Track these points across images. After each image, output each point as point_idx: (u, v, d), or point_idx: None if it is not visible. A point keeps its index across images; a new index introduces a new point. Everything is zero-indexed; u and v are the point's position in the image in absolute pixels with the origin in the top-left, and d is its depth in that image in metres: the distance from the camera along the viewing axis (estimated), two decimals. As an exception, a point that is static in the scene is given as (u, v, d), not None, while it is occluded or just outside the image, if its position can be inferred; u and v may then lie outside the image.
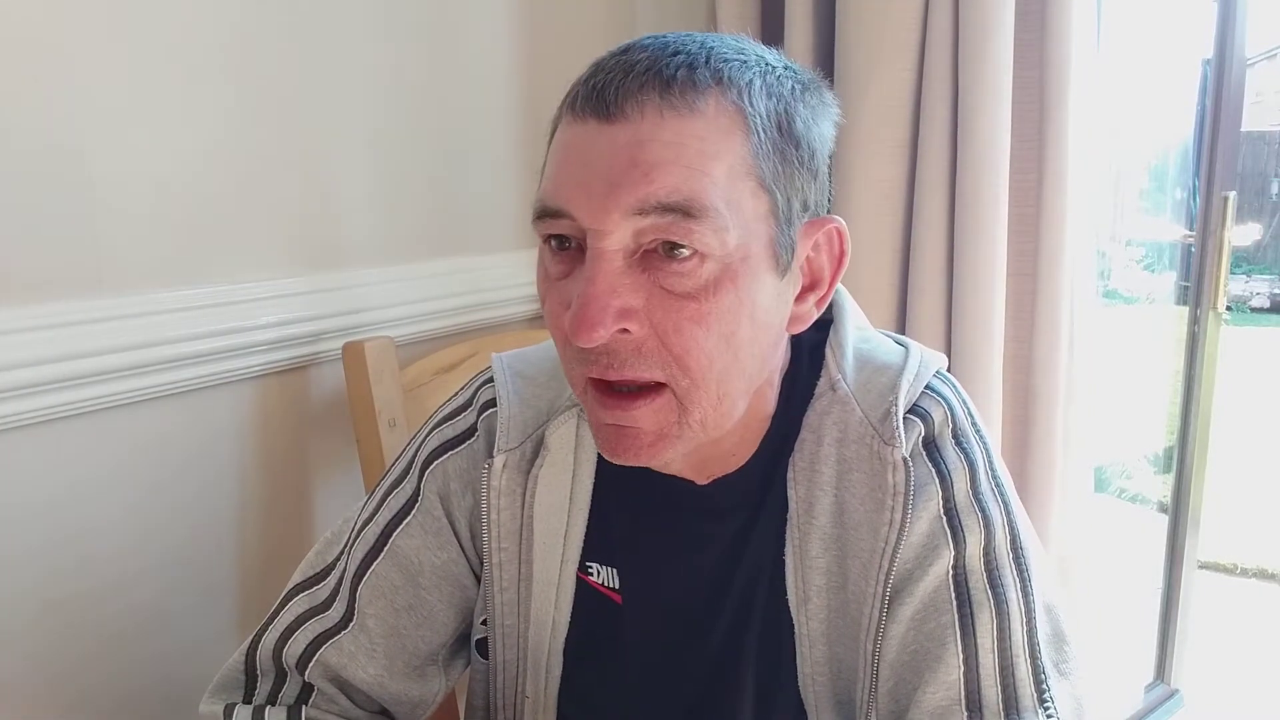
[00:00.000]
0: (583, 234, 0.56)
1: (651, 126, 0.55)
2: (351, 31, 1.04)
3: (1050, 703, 0.61)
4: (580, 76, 0.59)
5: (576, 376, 0.60)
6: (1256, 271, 6.83)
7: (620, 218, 0.54)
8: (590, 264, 0.55)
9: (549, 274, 0.60)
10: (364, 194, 1.07)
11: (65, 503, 0.86)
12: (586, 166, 0.55)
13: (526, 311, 1.28)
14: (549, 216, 0.57)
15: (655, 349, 0.56)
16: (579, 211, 0.55)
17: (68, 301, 0.83)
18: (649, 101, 0.55)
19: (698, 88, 0.55)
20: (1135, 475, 2.93)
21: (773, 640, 0.68)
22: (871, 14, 1.18)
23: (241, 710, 0.69)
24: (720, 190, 0.55)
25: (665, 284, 0.56)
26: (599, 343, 0.55)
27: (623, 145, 0.55)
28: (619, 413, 0.58)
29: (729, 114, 0.56)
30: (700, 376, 0.57)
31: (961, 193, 1.16)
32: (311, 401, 1.06)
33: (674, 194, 0.54)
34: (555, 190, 0.57)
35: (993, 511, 0.64)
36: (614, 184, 0.54)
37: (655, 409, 0.58)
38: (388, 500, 0.75)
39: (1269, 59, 7.10)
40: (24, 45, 0.79)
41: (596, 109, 0.56)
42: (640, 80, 0.55)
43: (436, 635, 0.74)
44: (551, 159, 0.59)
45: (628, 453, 0.60)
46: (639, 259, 0.56)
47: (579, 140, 0.56)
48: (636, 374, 0.57)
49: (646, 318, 0.56)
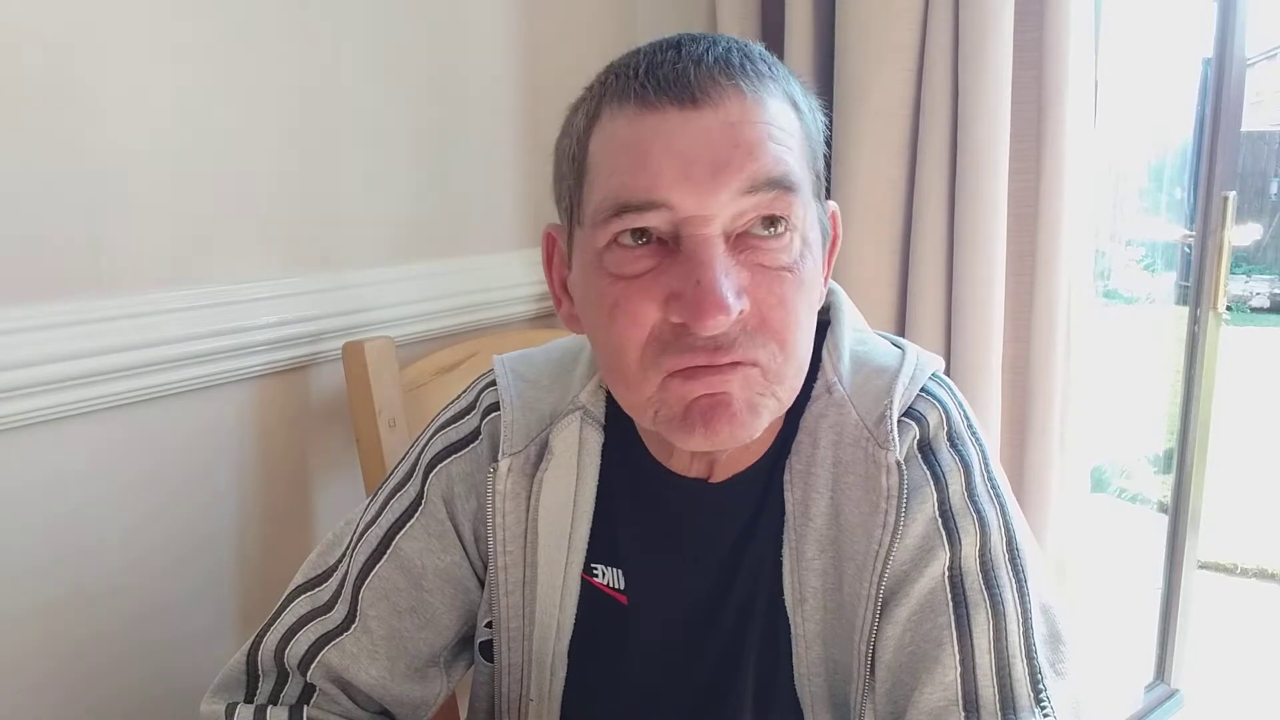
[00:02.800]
0: (672, 226, 0.56)
1: (740, 109, 0.56)
2: (352, 31, 1.04)
3: (1047, 702, 0.61)
4: (621, 72, 0.59)
5: (653, 375, 0.58)
6: (1256, 271, 6.82)
7: (729, 199, 0.55)
8: (699, 250, 0.56)
9: (624, 273, 0.58)
10: (364, 194, 1.07)
11: (65, 502, 0.86)
12: (681, 153, 0.55)
13: (527, 311, 1.28)
14: (633, 211, 0.56)
15: (758, 327, 0.57)
16: (682, 199, 0.55)
17: (68, 301, 0.84)
18: (730, 87, 0.57)
19: (761, 76, 0.58)
20: (1135, 475, 2.93)
21: (771, 640, 0.68)
22: (871, 14, 1.18)
23: (243, 710, 0.69)
24: (799, 165, 0.58)
25: (764, 260, 0.57)
26: (725, 326, 0.55)
27: (719, 128, 0.56)
28: (714, 379, 0.57)
29: (784, 97, 0.60)
30: (792, 349, 0.59)
31: (961, 193, 1.16)
32: (311, 401, 1.06)
33: (776, 167, 0.56)
34: (647, 183, 0.56)
35: (988, 513, 0.64)
36: (720, 166, 0.55)
37: (747, 378, 0.58)
38: (391, 503, 0.75)
39: (1269, 59, 7.10)
40: (24, 46, 0.79)
41: (678, 96, 0.56)
42: (715, 68, 0.57)
43: (439, 637, 0.74)
44: (620, 154, 0.58)
45: (720, 421, 0.58)
46: (735, 240, 0.57)
47: (660, 130, 0.56)
48: (744, 355, 0.57)
49: (751, 295, 0.57)
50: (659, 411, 0.60)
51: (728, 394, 0.58)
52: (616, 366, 0.60)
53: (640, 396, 0.60)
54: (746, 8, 1.31)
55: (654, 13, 1.41)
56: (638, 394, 0.60)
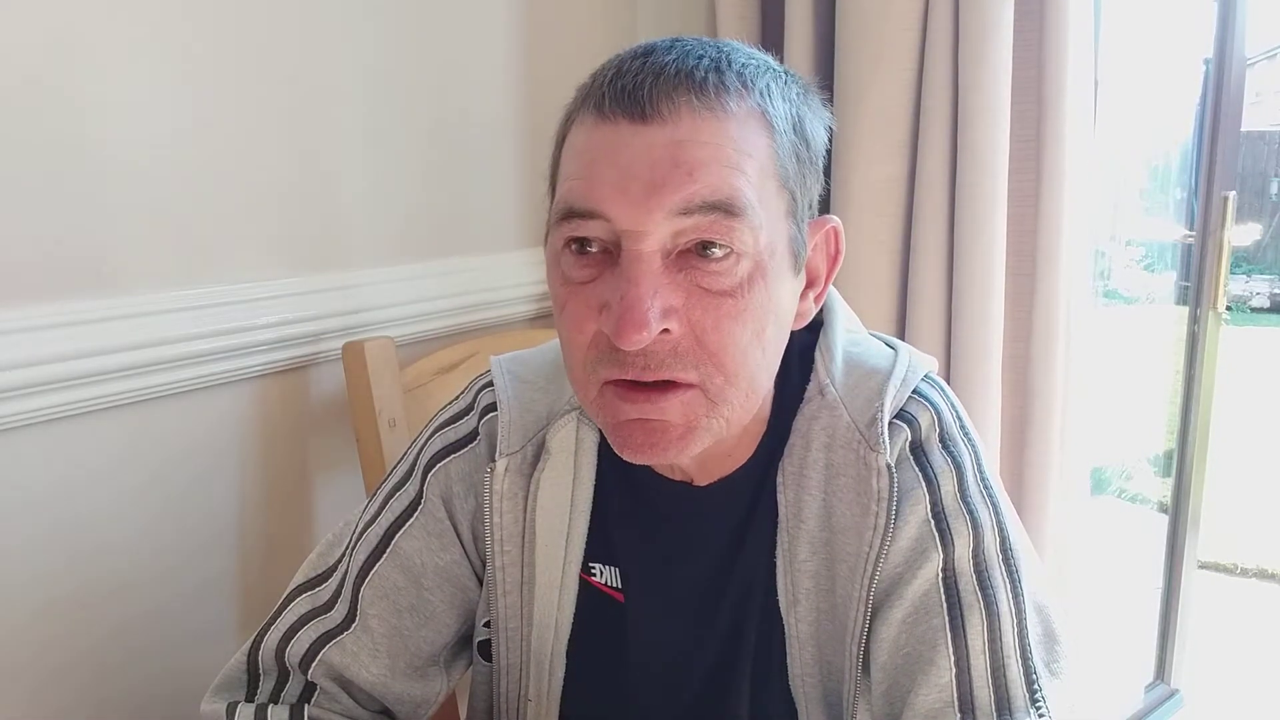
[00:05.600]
0: (613, 236, 0.56)
1: (689, 127, 0.55)
2: (351, 31, 1.04)
3: (1042, 703, 0.61)
4: (596, 78, 0.59)
5: (593, 381, 0.59)
6: (1256, 271, 6.82)
7: (663, 218, 0.55)
8: (629, 265, 0.55)
9: (570, 279, 0.59)
10: (364, 194, 1.07)
11: (65, 503, 0.87)
12: (623, 167, 0.55)
13: (527, 311, 1.28)
14: (578, 218, 0.56)
15: (690, 348, 0.57)
16: (617, 212, 0.55)
17: (68, 301, 0.84)
18: (684, 103, 0.55)
19: (727, 90, 0.57)
20: (1135, 475, 2.93)
21: (766, 641, 0.68)
22: (871, 15, 1.18)
23: (244, 709, 0.69)
24: (754, 189, 0.56)
25: (703, 283, 0.56)
26: (643, 344, 0.54)
27: (662, 145, 0.55)
28: (646, 405, 0.57)
29: (754, 115, 0.58)
30: (734, 373, 0.58)
31: (960, 193, 1.16)
32: (311, 401, 1.06)
33: (716, 193, 0.55)
34: (588, 191, 0.56)
35: (981, 514, 0.64)
36: (656, 184, 0.54)
37: (685, 401, 0.58)
38: (390, 503, 0.75)
39: (1269, 59, 7.10)
40: (25, 46, 0.79)
41: (629, 110, 0.55)
42: (673, 82, 0.56)
43: (439, 636, 0.74)
44: (576, 160, 0.58)
45: (654, 448, 0.58)
46: (674, 259, 0.56)
47: (610, 141, 0.56)
48: (672, 374, 0.57)
49: (685, 317, 0.56)
50: (598, 416, 0.61)
51: (664, 421, 0.58)
52: (568, 366, 0.62)
53: (585, 398, 0.61)
54: (746, 8, 1.31)
55: (654, 12, 1.41)
56: (584, 395, 0.61)
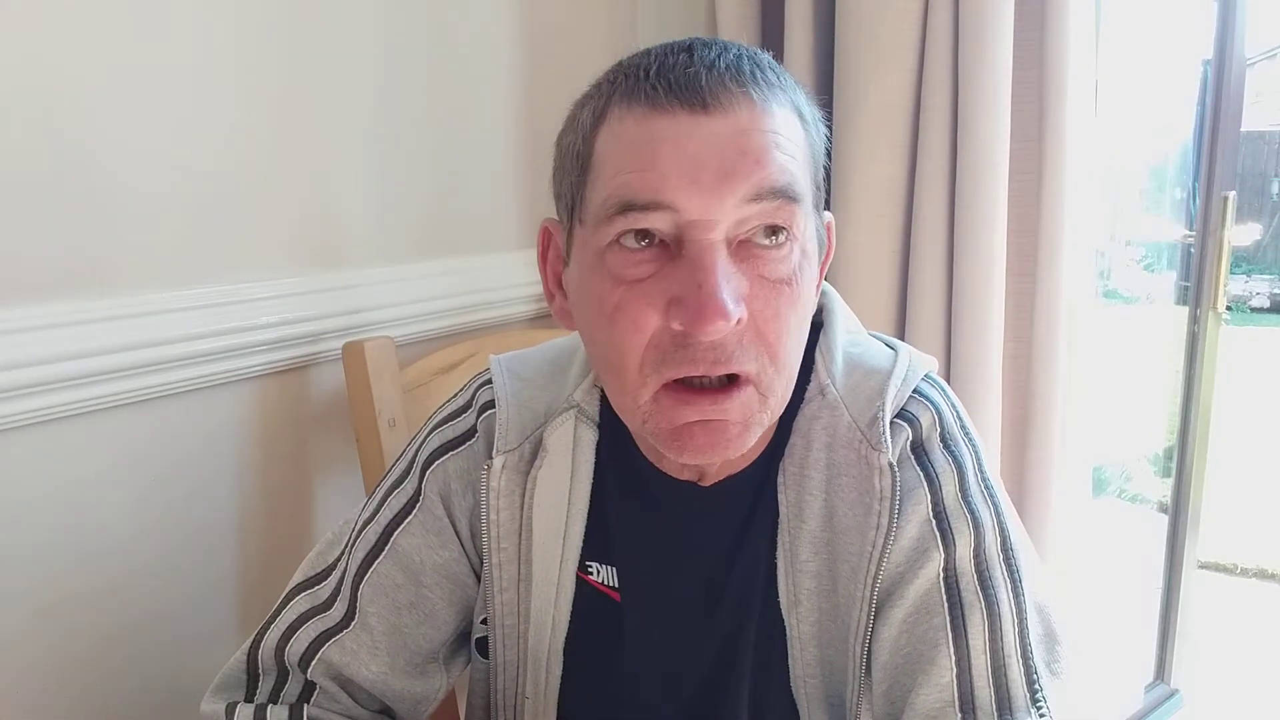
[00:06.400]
0: (675, 228, 0.56)
1: (749, 117, 0.57)
2: (351, 31, 1.04)
3: (1043, 702, 0.61)
4: (629, 73, 0.59)
5: (650, 384, 0.58)
6: (1256, 271, 6.82)
7: (734, 205, 0.55)
8: (701, 255, 0.55)
9: (623, 277, 0.58)
10: (364, 194, 1.07)
11: (65, 503, 0.87)
12: (689, 157, 0.55)
13: (527, 311, 1.28)
14: (638, 210, 0.56)
15: (752, 340, 0.57)
16: (687, 202, 0.55)
17: (68, 301, 0.84)
18: (741, 94, 0.57)
19: (770, 84, 0.58)
20: (1135, 476, 2.93)
21: (766, 641, 0.68)
22: (871, 14, 1.18)
23: (243, 709, 0.69)
24: (803, 178, 0.58)
25: (764, 270, 0.57)
26: (723, 333, 0.55)
27: (728, 135, 0.56)
28: (710, 407, 0.57)
29: (792, 109, 0.60)
30: (784, 362, 0.59)
31: (961, 193, 1.16)
32: (311, 401, 1.06)
33: (781, 177, 0.56)
34: (653, 183, 0.56)
35: (982, 513, 0.65)
36: (727, 172, 0.55)
37: (744, 399, 0.58)
38: (388, 500, 0.75)
39: (1269, 59, 7.10)
40: (25, 46, 0.79)
41: (689, 100, 0.56)
42: (726, 75, 0.57)
43: (438, 633, 0.74)
44: (628, 153, 0.57)
45: (715, 447, 0.59)
46: (736, 248, 0.57)
47: (669, 132, 0.56)
48: (740, 366, 0.57)
49: (748, 307, 0.57)
50: (648, 421, 0.60)
51: (725, 420, 0.58)
52: (615, 370, 0.60)
53: (633, 402, 0.60)
54: (746, 8, 1.31)
55: (654, 13, 1.41)
56: (632, 400, 0.60)
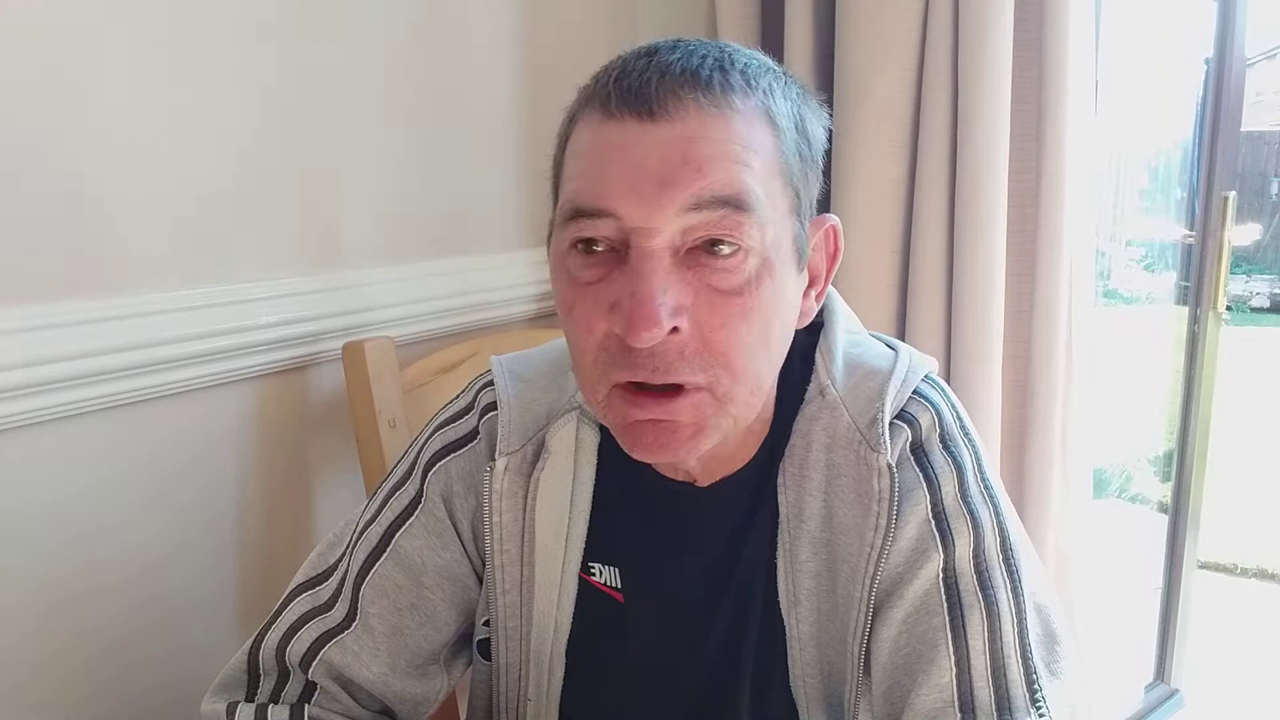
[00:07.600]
0: (622, 235, 0.56)
1: (697, 125, 0.56)
2: (351, 31, 1.04)
3: (1043, 703, 0.61)
4: (599, 78, 0.59)
5: (602, 383, 0.59)
6: (1256, 271, 6.82)
7: (674, 214, 0.55)
8: (640, 263, 0.55)
9: (577, 279, 0.58)
10: (364, 194, 1.07)
11: (65, 503, 0.86)
12: (632, 165, 0.55)
13: (527, 311, 1.28)
14: (586, 217, 0.56)
15: (698, 350, 0.57)
16: (628, 210, 0.55)
17: (68, 301, 0.83)
18: (691, 101, 0.56)
19: (732, 88, 0.57)
20: (1135, 476, 2.93)
21: (767, 641, 0.69)
22: (871, 14, 1.18)
23: (244, 709, 0.69)
24: (761, 185, 0.57)
25: (711, 281, 0.56)
26: (654, 341, 0.55)
27: (671, 142, 0.55)
28: (656, 408, 0.58)
29: (759, 113, 0.58)
30: (741, 372, 0.58)
31: (961, 193, 1.16)
32: (311, 401, 1.06)
33: (726, 188, 0.55)
34: (599, 190, 0.56)
35: (981, 514, 0.65)
36: (666, 181, 0.55)
37: (694, 403, 0.58)
38: (390, 502, 0.75)
39: (1269, 59, 7.10)
40: (25, 46, 0.79)
41: (637, 108, 0.56)
42: (679, 80, 0.56)
43: (439, 634, 0.74)
44: (582, 160, 0.58)
45: (665, 448, 0.59)
46: (683, 257, 0.56)
47: (617, 139, 0.56)
48: (681, 377, 0.57)
49: (692, 316, 0.56)
50: (607, 416, 0.61)
51: (673, 421, 0.58)
52: (577, 366, 0.62)
53: (593, 398, 0.61)
54: (746, 8, 1.31)
55: (654, 13, 1.41)
56: (591, 395, 0.61)
